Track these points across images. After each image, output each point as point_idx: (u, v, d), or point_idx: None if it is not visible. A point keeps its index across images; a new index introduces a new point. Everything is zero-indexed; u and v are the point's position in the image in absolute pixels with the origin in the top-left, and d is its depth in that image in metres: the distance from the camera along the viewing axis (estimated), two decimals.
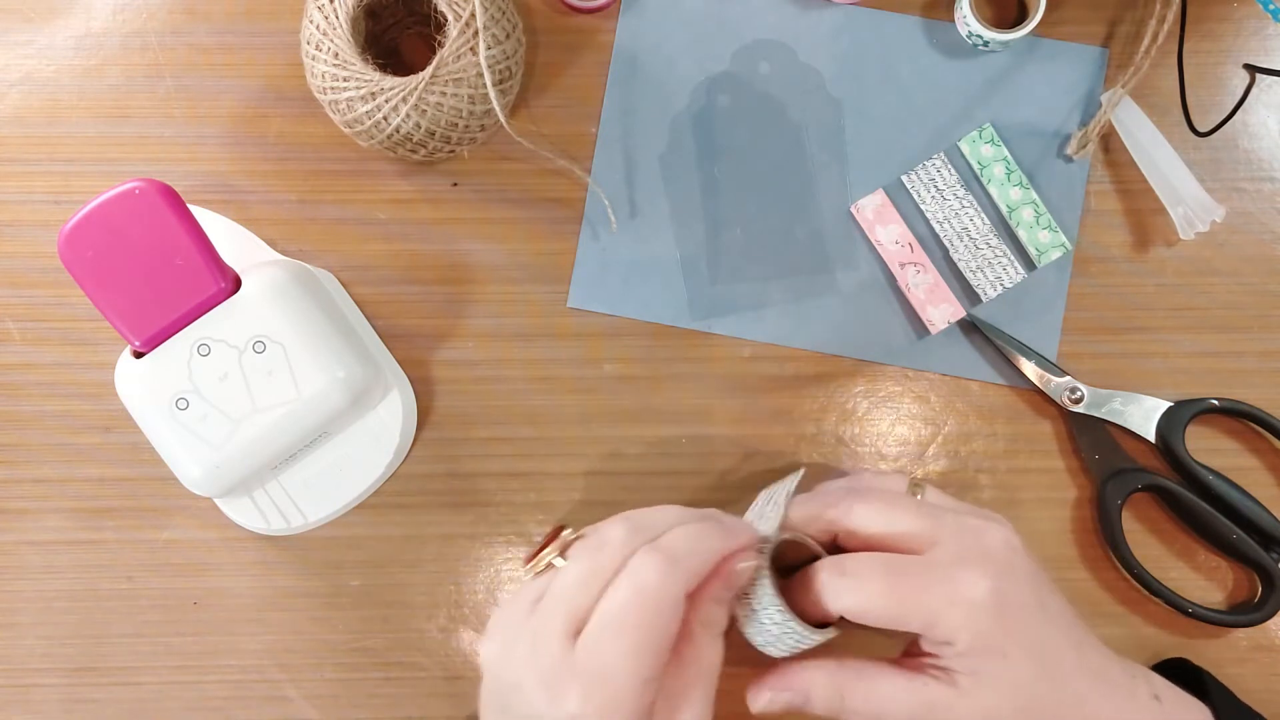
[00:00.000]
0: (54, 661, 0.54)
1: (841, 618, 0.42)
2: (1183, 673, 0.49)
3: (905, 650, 0.43)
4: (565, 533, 0.42)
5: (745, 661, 0.52)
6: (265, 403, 0.47)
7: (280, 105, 0.55)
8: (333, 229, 0.55)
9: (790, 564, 0.44)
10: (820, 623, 0.42)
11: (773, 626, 0.41)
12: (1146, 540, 0.53)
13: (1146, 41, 0.53)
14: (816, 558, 0.43)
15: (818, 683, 0.41)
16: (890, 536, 0.42)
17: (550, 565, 0.41)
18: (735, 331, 0.54)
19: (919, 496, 0.44)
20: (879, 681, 0.41)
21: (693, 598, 0.39)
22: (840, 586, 0.40)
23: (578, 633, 0.38)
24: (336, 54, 0.49)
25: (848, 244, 0.54)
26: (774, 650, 0.42)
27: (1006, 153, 0.54)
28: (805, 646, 0.42)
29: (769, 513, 0.44)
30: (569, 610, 0.38)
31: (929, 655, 0.41)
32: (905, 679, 0.41)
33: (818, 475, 0.49)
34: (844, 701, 0.41)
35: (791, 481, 0.44)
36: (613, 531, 0.40)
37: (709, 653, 0.40)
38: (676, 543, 0.39)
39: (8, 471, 0.54)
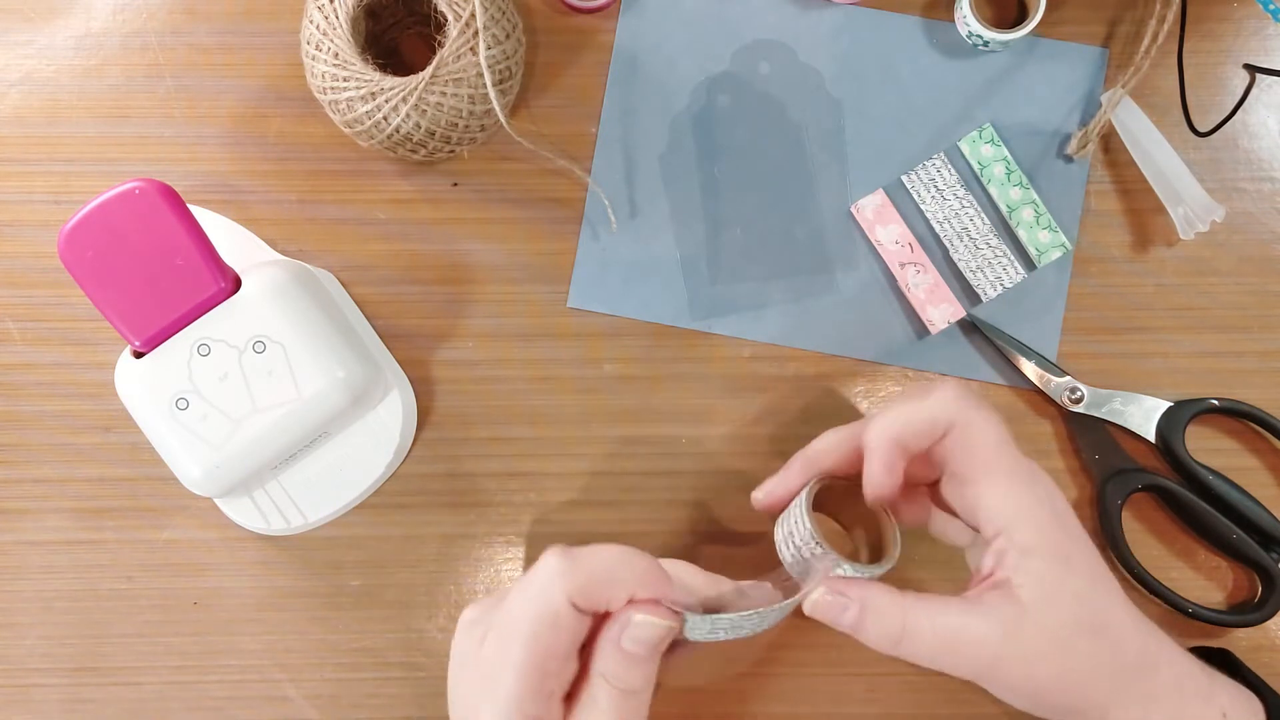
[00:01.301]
0: (54, 661, 0.54)
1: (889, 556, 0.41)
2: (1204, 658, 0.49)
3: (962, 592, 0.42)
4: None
5: (743, 658, 0.52)
6: (265, 403, 0.47)
7: (280, 105, 0.55)
8: (333, 229, 0.55)
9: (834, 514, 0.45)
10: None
11: (798, 539, 0.40)
12: (1146, 540, 0.53)
13: (1146, 41, 0.53)
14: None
15: (877, 597, 0.38)
16: (986, 455, 0.41)
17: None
18: (735, 331, 0.54)
19: None
20: (945, 606, 0.38)
21: (597, 637, 0.38)
22: (968, 399, 0.40)
23: None
24: (336, 54, 0.49)
25: (848, 244, 0.54)
26: (799, 570, 0.41)
27: (1006, 153, 0.54)
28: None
29: (796, 513, 0.42)
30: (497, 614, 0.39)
31: (985, 578, 0.40)
32: (967, 604, 0.39)
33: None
34: (905, 624, 0.38)
35: (802, 495, 0.43)
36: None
37: (600, 709, 0.37)
38: (583, 551, 0.38)
39: (8, 471, 0.54)
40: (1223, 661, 0.47)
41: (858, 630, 0.39)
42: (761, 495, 0.45)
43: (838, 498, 0.45)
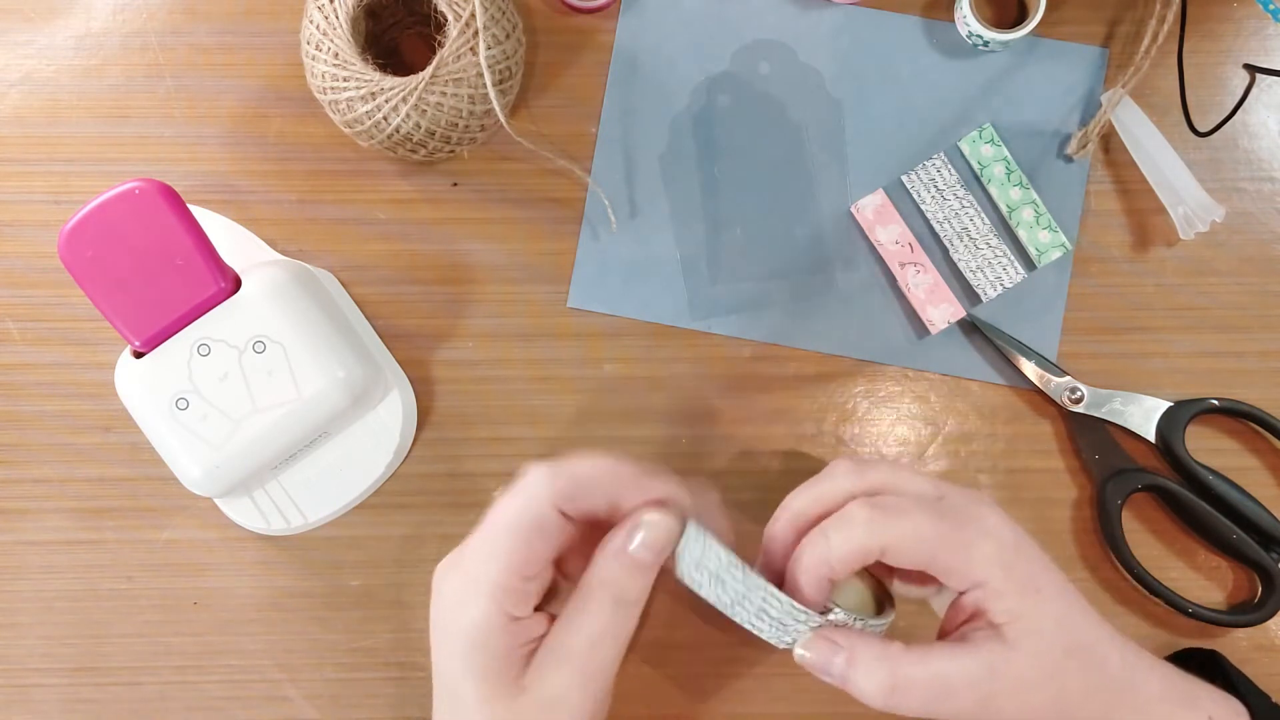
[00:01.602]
0: (54, 661, 0.54)
1: (825, 611, 0.40)
2: (1191, 660, 0.49)
3: (939, 634, 0.42)
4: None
5: (744, 660, 0.52)
6: (265, 403, 0.47)
7: (280, 105, 0.55)
8: (333, 229, 0.55)
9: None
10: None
11: (774, 612, 0.38)
12: (1146, 540, 0.53)
13: (1146, 41, 0.53)
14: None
15: (866, 654, 0.38)
16: (913, 496, 0.41)
17: None
18: (735, 331, 0.54)
19: None
20: (931, 656, 0.39)
21: (596, 548, 0.38)
22: (885, 521, 0.38)
23: None
24: (336, 54, 0.49)
25: (848, 244, 0.54)
26: (773, 633, 0.39)
27: (1006, 153, 0.54)
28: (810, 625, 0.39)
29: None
30: None
31: (964, 624, 0.40)
32: (955, 648, 0.39)
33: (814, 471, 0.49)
34: (896, 680, 0.38)
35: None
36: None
37: (599, 619, 0.37)
38: (570, 458, 0.38)
39: (8, 471, 0.54)
40: (1210, 663, 0.47)
41: (847, 681, 0.38)
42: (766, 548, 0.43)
43: None
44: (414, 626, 0.53)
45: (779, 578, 0.41)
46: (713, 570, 0.38)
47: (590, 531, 0.40)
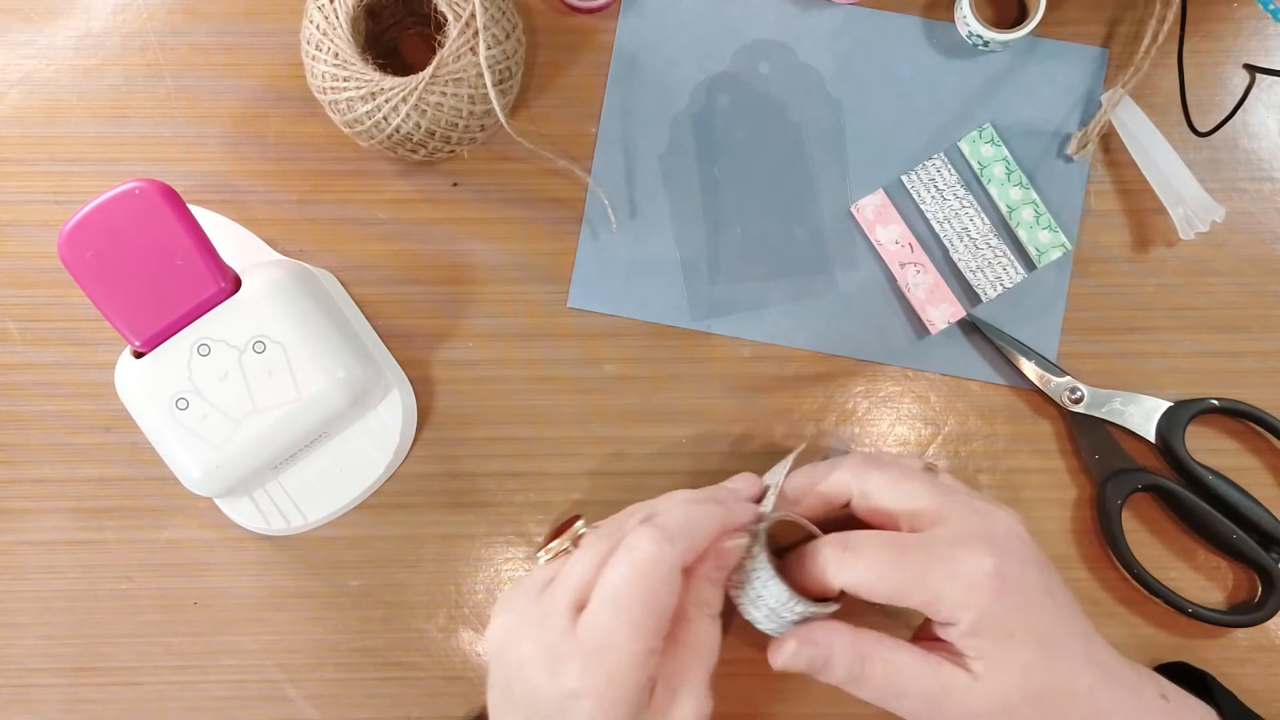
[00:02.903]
0: (54, 661, 0.54)
1: (839, 595, 0.42)
2: (1184, 676, 0.49)
3: (915, 635, 0.43)
4: (579, 524, 0.43)
5: (745, 660, 0.52)
6: (265, 403, 0.47)
7: (280, 105, 0.55)
8: (333, 229, 0.55)
9: (785, 546, 0.45)
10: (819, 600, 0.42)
11: (771, 600, 0.41)
12: (1146, 540, 0.53)
13: (1146, 41, 0.53)
14: (812, 538, 0.43)
15: (839, 644, 0.41)
16: (897, 511, 0.42)
17: (564, 551, 0.42)
18: (735, 331, 0.54)
19: (937, 478, 0.44)
20: (899, 654, 0.41)
21: (686, 576, 0.39)
22: (844, 560, 0.41)
23: (580, 611, 0.39)
24: (336, 54, 0.49)
25: (848, 244, 0.54)
26: (769, 626, 0.43)
27: (1006, 153, 0.54)
28: (796, 621, 0.42)
29: (770, 494, 0.44)
30: (574, 590, 0.39)
31: (939, 641, 0.41)
32: (922, 657, 0.41)
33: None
34: (863, 668, 0.41)
35: (787, 462, 0.45)
36: (622, 520, 0.42)
37: (705, 635, 0.40)
38: (671, 518, 0.40)
39: (8, 471, 0.54)
40: (1201, 687, 0.47)
41: (824, 672, 0.41)
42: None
43: (787, 534, 0.45)
44: (414, 626, 0.53)
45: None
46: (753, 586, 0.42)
47: None
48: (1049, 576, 0.42)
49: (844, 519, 0.45)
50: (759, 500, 0.44)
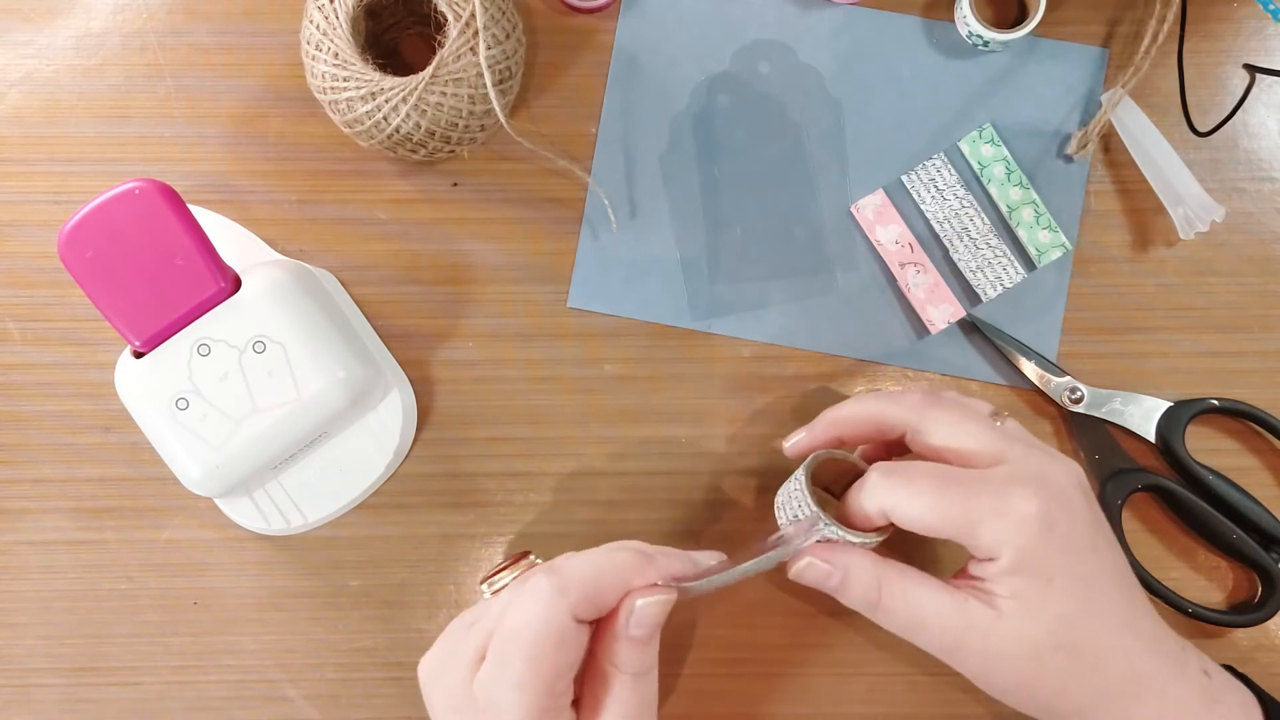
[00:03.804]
0: (54, 661, 0.54)
1: (885, 529, 0.42)
2: None
3: (951, 579, 0.43)
4: (530, 558, 0.42)
5: (745, 660, 0.52)
6: (265, 403, 0.47)
7: (280, 105, 0.55)
8: (333, 229, 0.55)
9: (829, 487, 0.46)
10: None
11: (805, 521, 0.42)
12: (1146, 540, 0.53)
13: (1146, 41, 0.53)
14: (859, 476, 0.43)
15: (857, 565, 0.41)
16: (954, 449, 0.42)
17: (504, 588, 0.41)
18: (735, 331, 0.54)
19: (999, 424, 0.43)
20: (922, 586, 0.40)
21: (601, 633, 0.38)
22: (887, 485, 0.40)
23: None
24: (336, 54, 0.49)
25: (848, 244, 0.54)
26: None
27: (1006, 153, 0.54)
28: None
29: (799, 475, 0.44)
30: (482, 636, 0.38)
31: (974, 579, 0.41)
32: (947, 592, 0.40)
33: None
34: (880, 594, 0.40)
35: (809, 463, 0.45)
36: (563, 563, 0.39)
37: (627, 696, 0.38)
38: (571, 565, 0.38)
39: (8, 471, 0.54)
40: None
41: (840, 593, 0.41)
42: (788, 445, 0.47)
43: (840, 477, 0.46)
44: (414, 626, 0.53)
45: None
46: (722, 583, 0.41)
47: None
48: (1098, 532, 0.41)
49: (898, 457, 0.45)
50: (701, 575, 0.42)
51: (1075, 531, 0.40)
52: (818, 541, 0.42)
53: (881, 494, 0.40)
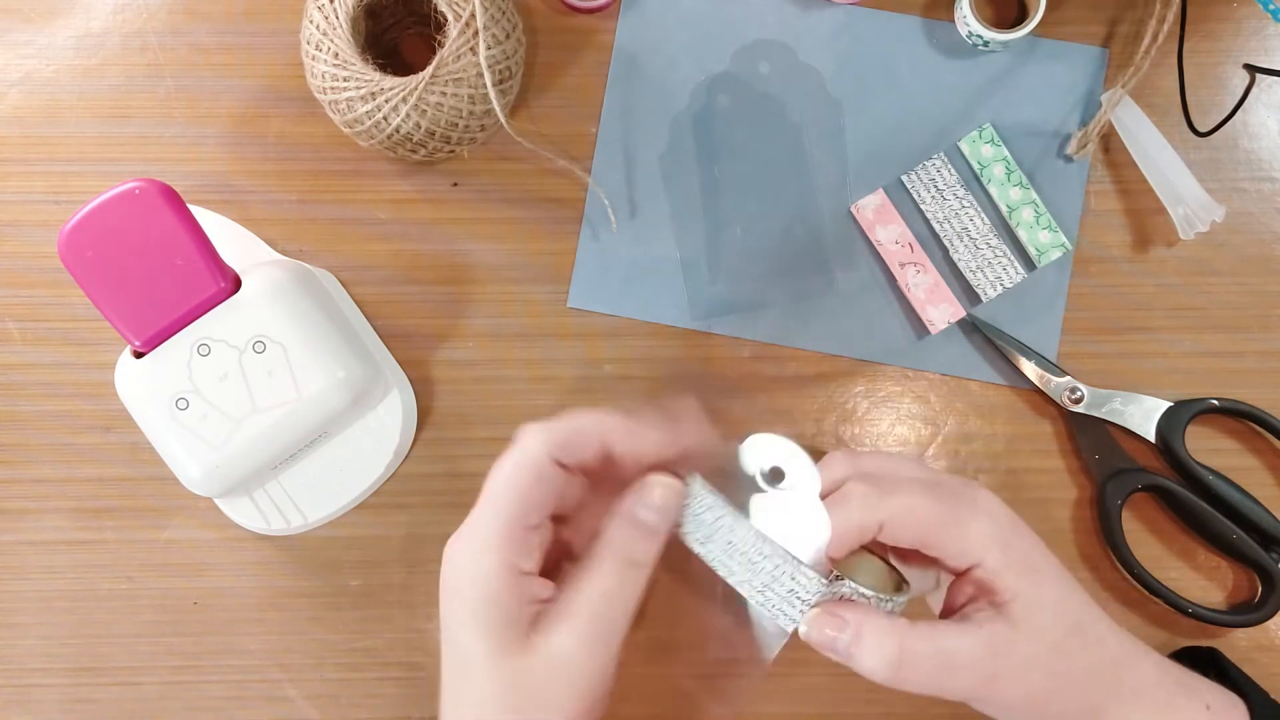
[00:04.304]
0: (54, 661, 0.54)
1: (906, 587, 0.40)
2: (1194, 660, 0.49)
3: (941, 615, 0.42)
4: None
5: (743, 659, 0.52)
6: (265, 403, 0.47)
7: (280, 105, 0.55)
8: (333, 229, 0.55)
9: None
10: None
11: (762, 565, 0.37)
12: (1146, 540, 0.53)
13: (1146, 41, 0.53)
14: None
15: (873, 628, 0.37)
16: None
17: None
18: (735, 331, 0.54)
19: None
20: (937, 633, 0.38)
21: (602, 511, 0.38)
22: (877, 495, 0.38)
23: None
24: (336, 54, 0.49)
25: (848, 244, 0.54)
26: (775, 608, 0.37)
27: (1006, 153, 0.54)
28: (814, 595, 0.37)
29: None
30: None
31: (964, 605, 0.40)
32: (959, 626, 0.38)
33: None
34: (903, 656, 0.37)
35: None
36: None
37: (608, 583, 0.37)
38: (566, 416, 0.39)
39: (8, 471, 0.54)
40: (1209, 660, 0.47)
41: (853, 657, 0.37)
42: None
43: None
44: (414, 626, 0.53)
45: None
46: (725, 537, 0.37)
47: (595, 505, 0.40)
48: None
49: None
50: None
51: (1020, 522, 0.40)
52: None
53: (874, 504, 0.38)
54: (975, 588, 0.40)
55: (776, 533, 0.38)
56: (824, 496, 0.40)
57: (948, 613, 0.41)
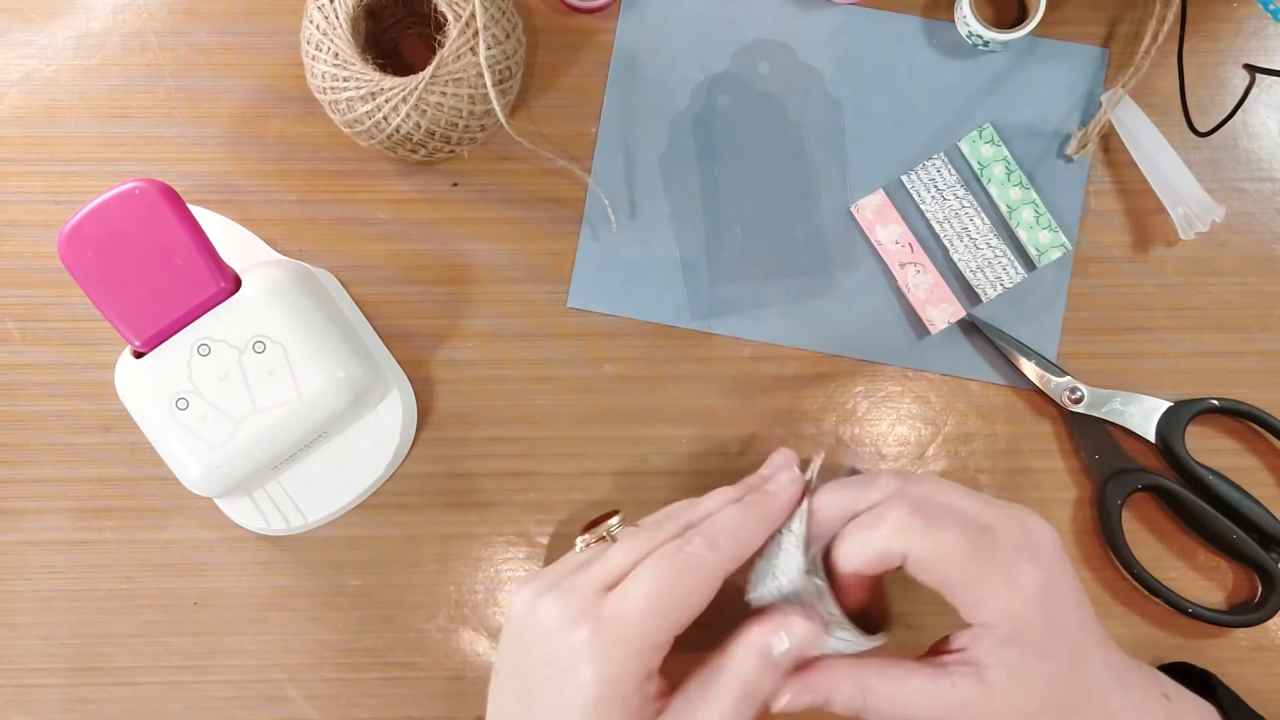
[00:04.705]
0: (54, 661, 0.54)
1: (887, 622, 0.42)
2: (1188, 677, 0.49)
3: (931, 649, 0.43)
4: (615, 520, 0.44)
5: None
6: (265, 403, 0.47)
7: (280, 105, 0.55)
8: (333, 229, 0.55)
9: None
10: (856, 614, 0.41)
11: (831, 640, 0.40)
12: (1146, 540, 0.53)
13: (1146, 41, 0.53)
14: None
15: (840, 682, 0.40)
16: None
17: (604, 539, 0.43)
18: (735, 331, 0.54)
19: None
20: (904, 682, 0.40)
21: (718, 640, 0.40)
22: (915, 527, 0.39)
23: (610, 589, 0.39)
24: (336, 54, 0.49)
25: (848, 244, 0.54)
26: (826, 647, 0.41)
27: (1006, 153, 0.54)
28: (847, 651, 0.41)
29: (789, 544, 0.42)
30: (609, 573, 0.40)
31: (956, 651, 0.40)
32: (931, 678, 0.40)
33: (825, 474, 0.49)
34: (866, 702, 0.40)
35: (814, 467, 0.44)
36: (662, 519, 0.42)
37: (725, 712, 0.38)
38: (719, 525, 0.40)
39: (8, 471, 0.54)
40: (1203, 686, 0.47)
41: (826, 707, 0.40)
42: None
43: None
44: (414, 626, 0.53)
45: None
46: (788, 588, 0.41)
47: None
48: (1078, 588, 0.41)
49: None
50: (801, 497, 0.43)
51: (1066, 595, 0.40)
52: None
53: (908, 535, 0.39)
54: (972, 639, 0.40)
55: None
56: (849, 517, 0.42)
57: (945, 644, 0.42)
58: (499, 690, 0.42)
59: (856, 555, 0.40)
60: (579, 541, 0.44)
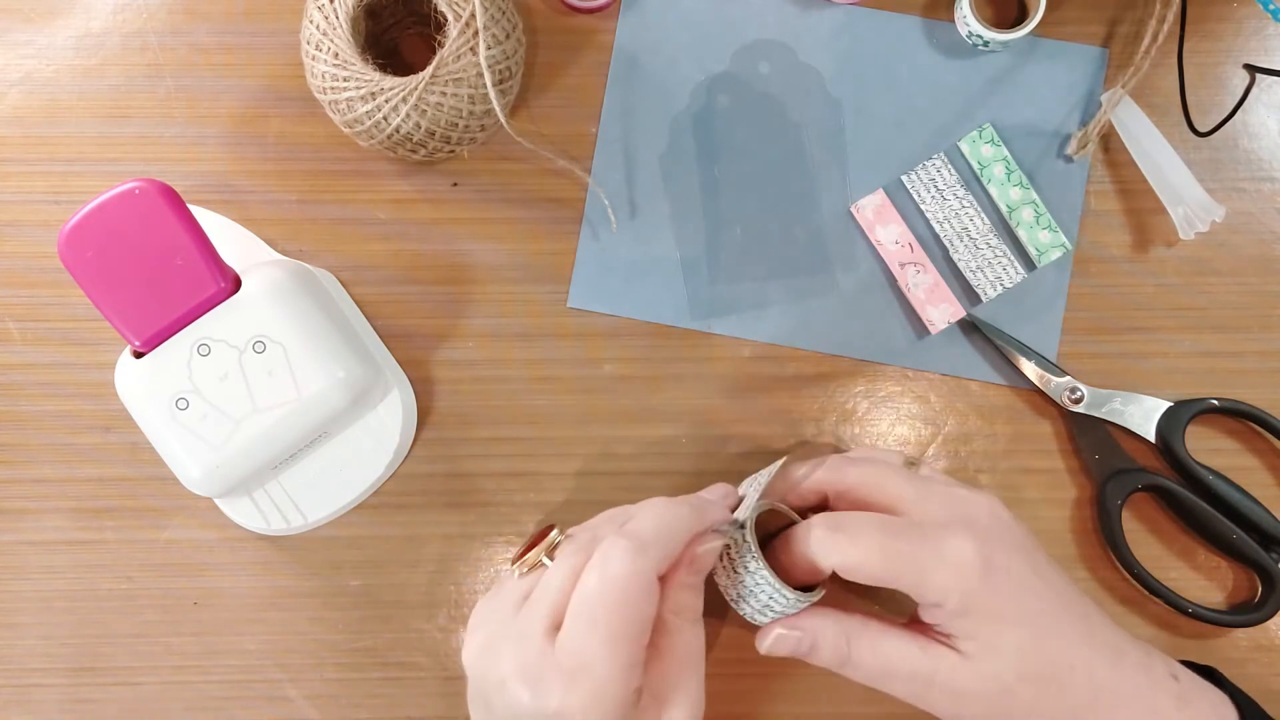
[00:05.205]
0: (54, 661, 0.54)
1: (824, 581, 0.43)
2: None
3: (909, 621, 0.44)
4: (553, 534, 0.42)
5: (744, 661, 0.52)
6: (265, 403, 0.47)
7: (280, 105, 0.55)
8: (333, 229, 0.55)
9: (770, 533, 0.45)
10: (804, 587, 0.43)
11: (763, 596, 0.42)
12: (1146, 540, 0.53)
13: (1146, 41, 0.53)
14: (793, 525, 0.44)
15: (825, 628, 0.42)
16: (879, 501, 0.43)
17: (538, 564, 0.42)
18: (735, 331, 0.54)
19: (917, 471, 0.45)
20: (886, 637, 0.41)
21: (663, 584, 0.39)
22: (835, 542, 0.41)
23: (559, 628, 0.38)
24: (336, 54, 0.49)
25: (848, 244, 0.54)
26: (761, 619, 0.43)
27: (1006, 153, 0.54)
28: (790, 612, 0.43)
29: (751, 492, 0.44)
30: (550, 607, 0.39)
31: (928, 625, 0.42)
32: (912, 639, 0.41)
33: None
34: (850, 651, 0.41)
35: (773, 467, 0.45)
36: (597, 525, 0.42)
37: (689, 640, 0.40)
38: (642, 525, 0.40)
39: (8, 471, 0.54)
40: (1209, 680, 0.47)
41: (811, 656, 0.42)
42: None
43: (769, 521, 0.46)
44: (414, 626, 0.53)
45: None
46: (747, 582, 0.43)
47: None
48: (1035, 557, 0.42)
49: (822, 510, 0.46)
50: (734, 508, 0.45)
51: (1013, 564, 0.41)
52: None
53: (829, 550, 0.41)
54: (932, 618, 0.41)
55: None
56: (799, 507, 0.45)
57: (918, 615, 0.43)
58: None
59: (794, 568, 0.42)
60: (514, 569, 0.42)
